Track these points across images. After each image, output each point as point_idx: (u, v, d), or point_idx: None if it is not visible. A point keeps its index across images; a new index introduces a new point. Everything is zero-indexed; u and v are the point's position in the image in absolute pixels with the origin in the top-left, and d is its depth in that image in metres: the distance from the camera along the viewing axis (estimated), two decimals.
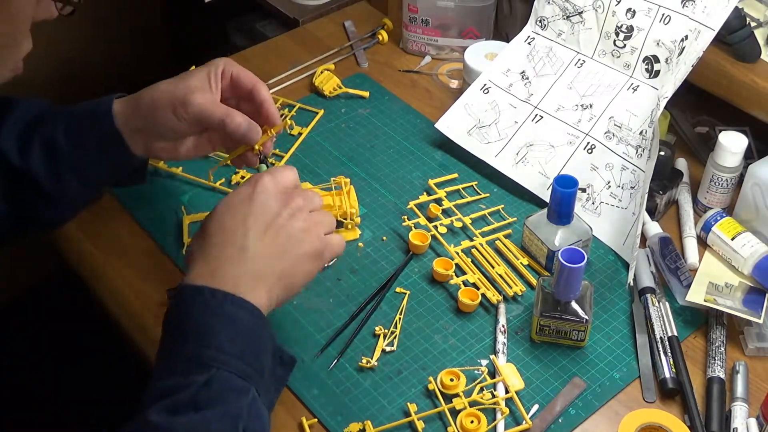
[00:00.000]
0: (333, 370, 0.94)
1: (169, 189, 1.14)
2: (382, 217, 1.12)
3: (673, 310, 1.00)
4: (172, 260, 1.06)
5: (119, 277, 1.05)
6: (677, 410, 0.92)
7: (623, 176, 1.10)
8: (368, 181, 1.17)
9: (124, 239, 1.09)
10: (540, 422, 0.89)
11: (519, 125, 1.18)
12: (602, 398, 0.92)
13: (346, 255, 1.06)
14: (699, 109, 1.24)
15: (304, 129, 1.24)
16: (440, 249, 1.08)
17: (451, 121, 1.21)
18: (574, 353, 0.96)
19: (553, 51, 1.22)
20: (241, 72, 0.98)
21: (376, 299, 1.01)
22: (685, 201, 1.13)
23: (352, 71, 1.36)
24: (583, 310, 0.94)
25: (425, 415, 0.90)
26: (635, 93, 1.14)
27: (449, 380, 0.92)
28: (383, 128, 1.25)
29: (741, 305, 0.98)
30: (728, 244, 1.04)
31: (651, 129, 1.07)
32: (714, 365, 0.94)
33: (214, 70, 0.97)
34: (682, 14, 1.10)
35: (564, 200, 0.99)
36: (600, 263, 1.07)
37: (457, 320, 1.00)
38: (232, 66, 0.98)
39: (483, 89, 1.22)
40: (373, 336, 0.97)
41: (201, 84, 0.95)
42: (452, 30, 1.37)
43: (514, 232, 1.10)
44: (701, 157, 1.19)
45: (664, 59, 1.13)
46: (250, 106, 0.97)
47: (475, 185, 1.16)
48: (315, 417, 0.90)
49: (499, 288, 1.02)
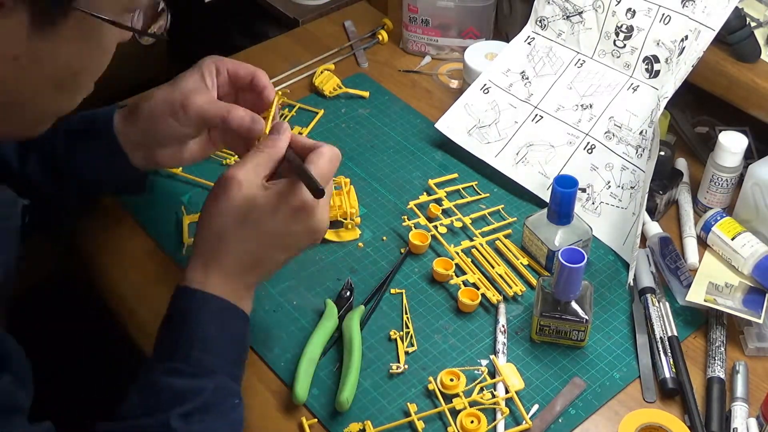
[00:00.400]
0: (333, 370, 0.94)
1: (169, 189, 1.14)
2: (382, 217, 1.12)
3: (673, 310, 1.00)
4: (173, 260, 1.06)
5: (119, 277, 1.05)
6: (677, 410, 0.92)
7: (623, 176, 1.10)
8: (368, 181, 1.17)
9: (124, 239, 1.09)
10: (540, 422, 0.89)
11: (519, 125, 1.18)
12: (602, 398, 0.92)
13: (346, 255, 1.06)
14: (699, 109, 1.24)
15: (304, 129, 1.24)
16: (440, 249, 1.08)
17: (451, 121, 1.21)
18: (574, 353, 0.96)
19: (553, 51, 1.22)
20: (237, 66, 0.98)
21: (375, 299, 1.01)
22: (685, 201, 1.13)
23: (352, 71, 1.36)
24: (583, 310, 0.94)
25: (425, 415, 0.90)
26: (635, 93, 1.14)
27: (449, 380, 0.92)
28: (383, 128, 1.25)
29: (741, 305, 0.98)
30: (728, 244, 1.04)
31: (651, 129, 1.07)
32: (714, 365, 0.94)
33: (206, 69, 0.97)
34: (682, 14, 1.10)
35: (564, 200, 0.99)
36: (600, 263, 1.07)
37: (457, 320, 1.00)
38: (223, 62, 0.98)
39: (483, 89, 1.22)
40: (388, 340, 0.97)
41: (196, 85, 0.95)
42: (452, 30, 1.37)
43: (514, 232, 1.10)
44: (701, 157, 1.19)
45: (664, 59, 1.13)
46: (250, 95, 0.98)
47: (475, 185, 1.16)
48: (315, 417, 0.90)
49: (499, 288, 1.02)
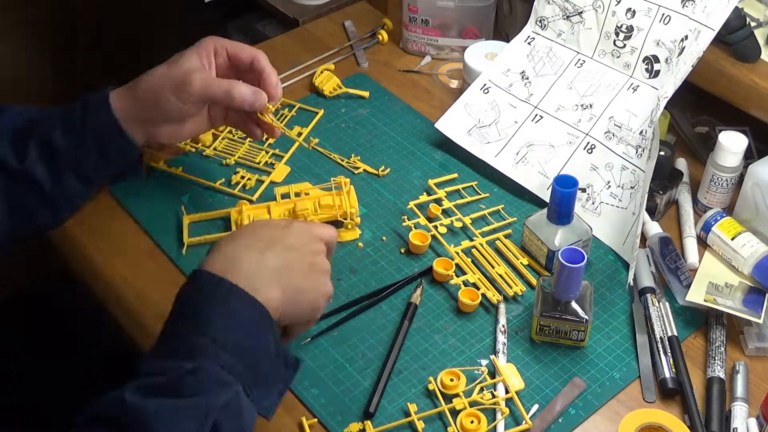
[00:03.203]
0: (333, 369, 0.94)
1: (168, 189, 1.14)
2: (382, 217, 1.12)
3: (673, 310, 1.00)
4: (172, 260, 1.06)
5: (119, 277, 1.05)
6: (677, 410, 0.92)
7: (623, 176, 1.10)
8: (368, 181, 1.17)
9: (124, 239, 1.09)
10: (540, 422, 0.89)
11: (519, 125, 1.18)
12: (602, 398, 0.92)
13: (346, 255, 1.06)
14: (699, 109, 1.24)
15: (304, 129, 1.24)
16: (440, 249, 1.08)
17: (451, 121, 1.21)
18: (574, 353, 0.96)
19: (553, 51, 1.22)
20: (236, 47, 0.98)
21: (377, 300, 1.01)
22: (685, 201, 1.13)
23: (352, 71, 1.36)
24: (583, 310, 0.94)
25: (425, 415, 0.90)
26: (635, 93, 1.14)
27: (449, 380, 0.92)
28: (383, 128, 1.25)
29: (741, 305, 0.98)
30: (728, 244, 1.04)
31: (651, 129, 1.07)
32: (714, 365, 0.94)
33: (204, 50, 0.97)
34: (682, 14, 1.10)
35: (564, 200, 0.99)
36: (600, 263, 1.07)
37: (457, 320, 1.00)
38: (223, 42, 0.98)
39: (483, 89, 1.22)
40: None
41: (195, 64, 0.96)
42: (452, 30, 1.37)
43: (514, 232, 1.10)
44: (701, 157, 1.19)
45: (664, 59, 1.13)
46: (251, 76, 0.98)
47: (475, 185, 1.16)
48: (315, 417, 0.90)
49: (499, 288, 1.02)
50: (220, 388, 0.76)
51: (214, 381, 0.76)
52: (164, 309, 0.82)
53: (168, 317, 0.81)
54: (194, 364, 0.75)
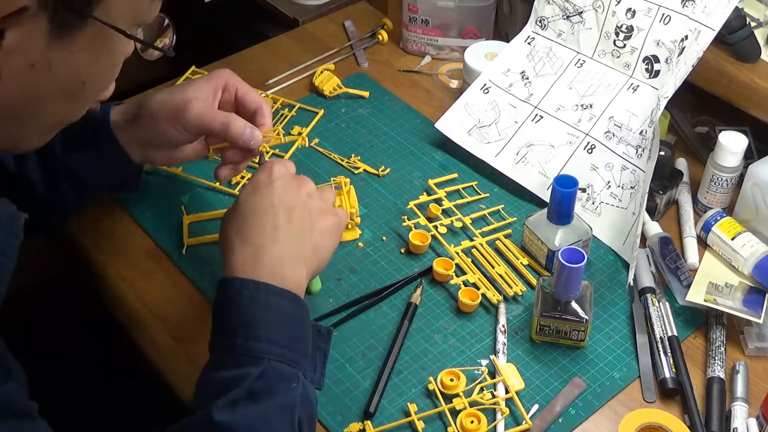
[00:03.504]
0: (333, 369, 0.94)
1: (169, 189, 1.14)
2: (382, 217, 1.12)
3: (673, 310, 1.00)
4: (172, 260, 1.06)
5: (119, 277, 1.05)
6: (677, 410, 0.92)
7: (623, 176, 1.10)
8: (368, 181, 1.17)
9: (124, 239, 1.09)
10: (540, 422, 0.89)
11: (519, 125, 1.18)
12: (602, 398, 0.92)
13: (346, 255, 1.06)
14: (699, 109, 1.24)
15: (304, 129, 1.24)
16: (440, 249, 1.08)
17: (451, 121, 1.21)
18: (574, 353, 0.96)
19: (553, 51, 1.22)
20: (246, 92, 0.99)
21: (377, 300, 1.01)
22: (685, 201, 1.13)
23: (352, 71, 1.36)
24: (583, 310, 0.94)
25: (425, 415, 0.90)
26: (635, 93, 1.14)
27: (449, 380, 0.92)
28: (383, 128, 1.25)
29: (741, 305, 0.98)
30: (728, 244, 1.04)
31: (651, 129, 1.07)
32: (714, 365, 0.94)
33: (215, 81, 0.98)
34: (682, 14, 1.10)
35: (564, 200, 0.99)
36: (600, 263, 1.07)
37: (457, 320, 1.00)
38: (235, 81, 0.99)
39: (483, 89, 1.22)
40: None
41: (199, 93, 0.96)
42: (452, 30, 1.37)
43: (514, 232, 1.10)
44: (701, 157, 1.19)
45: (664, 59, 1.13)
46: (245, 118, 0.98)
47: (475, 185, 1.16)
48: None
49: (499, 288, 1.02)
50: (289, 382, 0.80)
51: (282, 377, 0.79)
52: (164, 309, 0.83)
53: (214, 330, 0.83)
54: (260, 369, 0.78)
